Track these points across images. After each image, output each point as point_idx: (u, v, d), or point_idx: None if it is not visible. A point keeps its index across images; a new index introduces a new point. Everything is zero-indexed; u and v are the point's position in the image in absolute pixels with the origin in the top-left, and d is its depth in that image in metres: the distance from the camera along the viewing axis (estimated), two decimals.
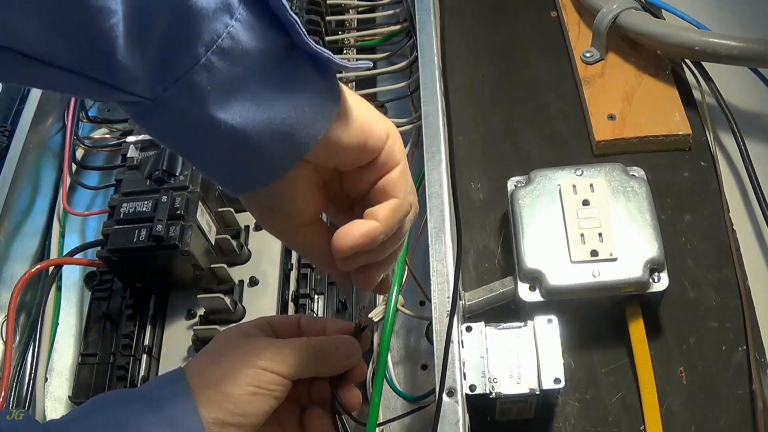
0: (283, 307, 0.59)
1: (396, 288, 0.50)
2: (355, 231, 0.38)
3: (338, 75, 0.42)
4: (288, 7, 0.33)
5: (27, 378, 0.61)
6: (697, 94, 0.69)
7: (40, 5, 0.26)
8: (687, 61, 0.70)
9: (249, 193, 0.39)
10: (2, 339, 0.62)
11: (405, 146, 0.42)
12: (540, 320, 0.50)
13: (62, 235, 0.71)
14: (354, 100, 0.38)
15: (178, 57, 0.31)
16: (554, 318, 0.50)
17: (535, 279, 0.55)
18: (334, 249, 0.38)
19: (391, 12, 0.76)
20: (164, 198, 0.58)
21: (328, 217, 0.46)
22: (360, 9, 0.78)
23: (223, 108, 0.33)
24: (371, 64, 0.40)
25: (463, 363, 0.48)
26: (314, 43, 0.34)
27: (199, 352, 0.43)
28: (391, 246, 0.41)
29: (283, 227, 0.42)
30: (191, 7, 0.30)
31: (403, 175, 0.40)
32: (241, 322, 0.58)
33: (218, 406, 0.39)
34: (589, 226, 0.55)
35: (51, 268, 0.65)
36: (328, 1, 0.76)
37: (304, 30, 0.34)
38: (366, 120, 0.38)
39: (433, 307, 0.49)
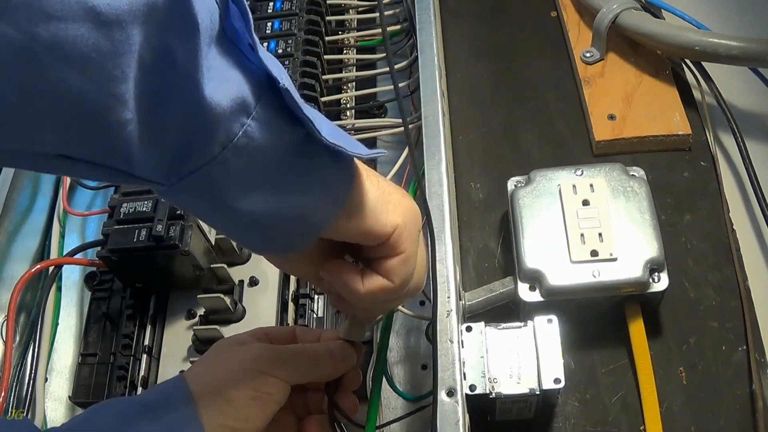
0: (283, 307, 0.59)
1: None
2: (371, 286, 0.40)
3: (338, 76, 0.43)
4: (302, 104, 0.33)
5: (27, 378, 0.61)
6: (697, 94, 0.69)
7: (60, 124, 0.27)
8: (687, 61, 0.70)
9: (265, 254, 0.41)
10: (2, 339, 0.62)
11: (405, 146, 0.42)
12: (540, 320, 0.50)
13: (62, 235, 0.71)
14: (370, 185, 0.38)
15: (193, 155, 0.32)
16: (554, 318, 0.50)
17: (535, 279, 0.55)
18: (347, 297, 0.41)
19: (391, 12, 0.76)
20: None
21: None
22: (360, 9, 0.78)
23: (237, 199, 0.34)
24: (386, 152, 0.41)
25: (463, 363, 0.48)
26: (328, 137, 0.35)
27: (197, 360, 0.44)
28: (373, 310, 0.45)
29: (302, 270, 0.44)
30: (207, 111, 0.31)
31: (403, 264, 0.40)
32: (238, 333, 0.58)
33: (219, 412, 0.39)
34: (589, 226, 0.55)
35: (51, 268, 0.65)
36: (328, 1, 0.76)
37: (317, 125, 0.34)
38: (372, 210, 0.38)
39: (433, 307, 0.49)
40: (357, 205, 0.38)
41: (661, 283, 0.54)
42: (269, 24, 0.71)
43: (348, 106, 0.72)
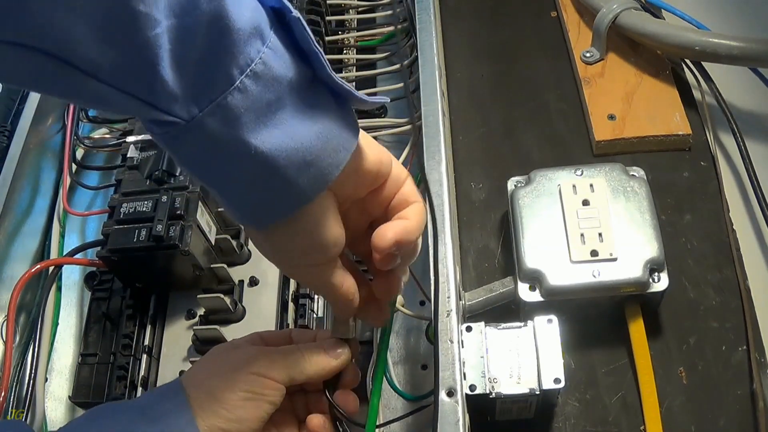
0: (283, 306, 0.59)
1: None
2: (394, 227, 0.41)
3: (339, 76, 0.43)
4: (312, 38, 0.34)
5: (27, 378, 0.61)
6: (697, 94, 0.69)
7: (91, 8, 0.27)
8: (687, 61, 0.70)
9: (271, 224, 0.39)
10: (2, 339, 0.62)
11: (405, 146, 0.43)
12: (540, 320, 0.50)
13: (62, 235, 0.71)
14: (362, 131, 0.40)
15: (215, 78, 0.32)
16: (554, 318, 0.50)
17: (535, 279, 0.55)
18: (374, 245, 0.40)
19: (391, 12, 0.76)
20: (164, 198, 0.58)
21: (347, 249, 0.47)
22: (360, 9, 0.78)
23: (254, 133, 0.34)
24: (388, 99, 0.42)
25: (463, 363, 0.48)
26: (336, 76, 0.36)
27: (193, 365, 0.44)
28: (413, 252, 0.44)
29: (304, 266, 0.42)
30: (229, 27, 0.31)
31: (414, 184, 0.42)
32: (235, 338, 0.58)
33: (214, 414, 0.39)
34: (589, 226, 0.55)
35: (51, 268, 0.65)
36: (328, 1, 0.76)
37: (327, 62, 0.35)
38: (375, 147, 0.40)
39: (433, 307, 0.49)
40: (364, 145, 0.39)
41: (661, 283, 0.54)
42: None
43: None
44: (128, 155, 0.63)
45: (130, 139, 0.63)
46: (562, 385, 0.48)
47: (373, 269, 0.45)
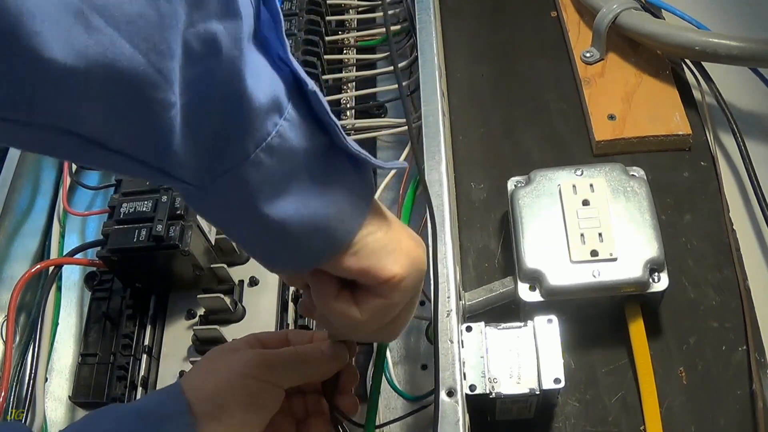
0: (283, 307, 0.59)
1: None
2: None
3: (339, 76, 0.43)
4: (329, 110, 0.34)
5: (27, 378, 0.61)
6: (697, 94, 0.69)
7: (103, 96, 0.27)
8: (687, 61, 0.70)
9: (285, 272, 0.41)
10: (2, 339, 0.62)
11: (405, 146, 0.42)
12: (540, 320, 0.50)
13: (62, 235, 0.71)
14: (380, 225, 0.38)
15: (229, 151, 0.32)
16: (554, 318, 0.50)
17: (535, 279, 0.55)
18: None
19: (391, 12, 0.76)
20: (164, 198, 0.58)
21: None
22: (360, 9, 0.78)
23: (268, 203, 0.34)
24: (407, 165, 0.41)
25: (463, 363, 0.48)
26: (353, 144, 0.35)
27: (192, 368, 0.44)
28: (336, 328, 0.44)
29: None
30: (246, 105, 0.31)
31: (381, 308, 0.39)
32: (232, 340, 0.58)
33: (214, 419, 0.39)
34: (589, 226, 0.55)
35: (51, 268, 0.65)
36: (328, 1, 0.76)
37: (342, 132, 0.35)
38: (376, 252, 0.37)
39: (433, 307, 0.49)
40: (370, 231, 0.37)
41: (661, 283, 0.54)
42: None
43: (348, 106, 0.72)
44: None
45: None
46: (562, 385, 0.48)
47: None
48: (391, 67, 0.71)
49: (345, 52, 0.76)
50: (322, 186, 0.35)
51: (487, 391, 0.48)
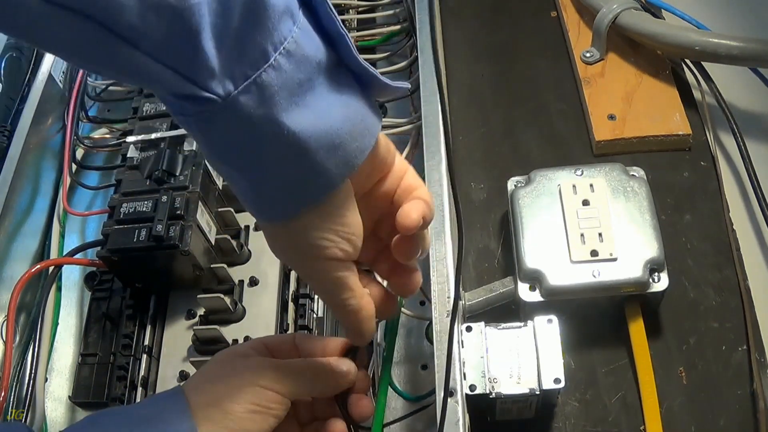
0: (283, 307, 0.59)
1: None
2: (414, 205, 0.41)
3: None
4: (339, 21, 0.35)
5: (27, 378, 0.61)
6: (697, 94, 0.69)
7: None
8: (687, 61, 0.70)
9: (296, 214, 0.38)
10: (2, 339, 0.62)
11: (405, 146, 0.43)
12: (540, 320, 0.51)
13: (62, 235, 0.71)
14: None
15: (251, 54, 0.32)
16: (554, 318, 0.51)
17: (535, 279, 0.55)
18: (401, 225, 0.40)
19: (391, 12, 0.76)
20: (164, 198, 0.58)
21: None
22: (360, 9, 0.78)
23: (287, 113, 0.34)
24: (408, 85, 0.42)
25: (463, 363, 0.49)
26: (361, 59, 0.36)
27: (196, 372, 0.43)
28: (426, 244, 0.45)
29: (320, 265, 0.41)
30: (264, 4, 0.32)
31: (415, 172, 0.43)
32: (237, 344, 0.57)
33: (218, 424, 0.39)
34: (589, 226, 0.55)
35: (51, 268, 0.65)
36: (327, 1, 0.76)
37: (354, 45, 0.35)
38: (382, 134, 0.40)
39: (433, 307, 0.49)
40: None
41: (661, 283, 0.54)
42: None
43: None
44: (128, 155, 0.63)
45: (130, 139, 0.63)
46: (562, 385, 0.48)
47: (385, 271, 0.45)
48: (391, 67, 0.71)
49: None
50: (335, 100, 0.36)
51: (487, 391, 0.48)
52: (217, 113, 0.33)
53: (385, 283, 0.46)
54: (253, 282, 0.61)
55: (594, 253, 0.54)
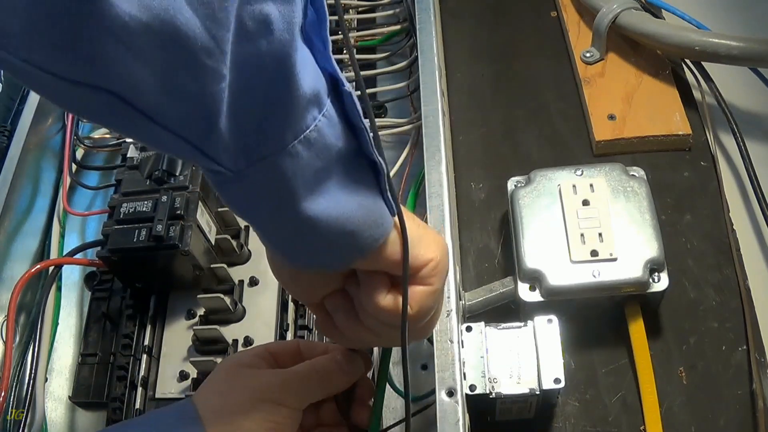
0: (283, 307, 0.59)
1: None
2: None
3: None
4: (361, 113, 0.34)
5: (27, 378, 0.61)
6: (697, 94, 0.69)
7: (158, 57, 0.27)
8: (687, 61, 0.70)
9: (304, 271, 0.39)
10: (2, 339, 0.62)
11: (405, 146, 0.42)
12: (540, 320, 0.51)
13: (62, 235, 0.71)
14: (408, 218, 0.39)
15: (268, 138, 0.32)
16: (554, 318, 0.51)
17: (535, 279, 0.55)
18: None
19: (391, 12, 0.76)
20: (164, 198, 0.58)
21: None
22: (360, 9, 0.78)
23: (298, 197, 0.34)
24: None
25: (463, 363, 0.48)
26: (377, 153, 0.36)
27: (204, 385, 0.43)
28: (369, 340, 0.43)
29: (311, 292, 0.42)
30: (291, 91, 0.31)
31: (428, 296, 0.40)
32: (240, 351, 0.57)
33: None
34: (589, 226, 0.55)
35: (51, 268, 0.65)
36: (328, 1, 0.76)
37: (370, 137, 0.35)
38: (411, 240, 0.39)
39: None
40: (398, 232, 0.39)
41: (661, 283, 0.54)
42: None
43: None
44: (128, 155, 0.63)
45: (130, 139, 0.63)
46: (562, 385, 0.48)
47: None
48: (392, 67, 0.71)
49: (345, 52, 0.76)
50: (351, 189, 0.35)
51: (487, 391, 0.48)
52: (225, 183, 0.34)
53: None
54: (253, 282, 0.61)
55: (594, 253, 0.54)
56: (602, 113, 0.68)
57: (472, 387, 0.48)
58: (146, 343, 0.59)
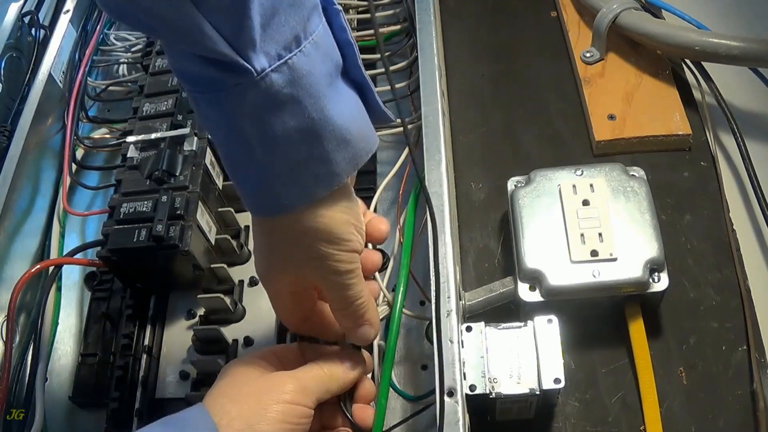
0: None
1: (402, 290, 0.50)
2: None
3: None
4: (350, 32, 0.38)
5: (27, 378, 0.61)
6: (697, 94, 0.69)
7: None
8: (687, 61, 0.70)
9: (301, 206, 0.39)
10: (2, 339, 0.62)
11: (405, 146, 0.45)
12: (540, 320, 0.51)
13: (62, 235, 0.71)
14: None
15: (287, 36, 0.35)
16: (554, 318, 0.50)
17: (535, 279, 0.55)
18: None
19: (391, 12, 0.76)
20: (164, 198, 0.58)
21: None
22: (360, 9, 0.78)
23: (310, 99, 0.36)
24: (395, 119, 0.44)
25: (463, 363, 0.48)
26: (365, 72, 0.39)
27: (215, 392, 0.43)
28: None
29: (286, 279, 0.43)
30: None
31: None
32: (244, 355, 0.57)
33: None
34: (589, 226, 0.55)
35: (51, 268, 0.65)
36: None
37: (358, 53, 0.39)
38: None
39: (433, 307, 0.49)
40: None
41: (661, 283, 0.54)
42: None
43: None
44: (128, 155, 0.62)
45: (130, 139, 0.63)
46: (562, 385, 0.48)
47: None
48: (391, 67, 0.71)
49: None
50: (347, 100, 0.39)
51: (487, 391, 0.48)
52: (249, 87, 0.35)
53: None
54: (253, 282, 0.61)
55: (594, 253, 0.54)
56: (602, 113, 0.68)
57: (472, 387, 0.48)
58: (146, 343, 0.59)
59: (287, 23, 0.35)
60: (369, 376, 0.49)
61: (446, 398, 0.45)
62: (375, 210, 0.61)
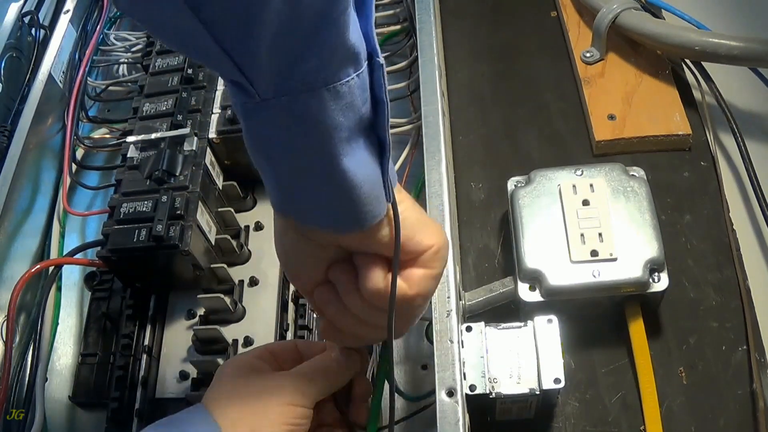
0: (283, 307, 0.59)
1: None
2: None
3: None
4: (386, 88, 0.35)
5: (27, 378, 0.61)
6: (697, 94, 0.69)
7: None
8: (687, 61, 0.70)
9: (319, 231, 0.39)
10: (2, 339, 0.62)
11: (405, 146, 0.43)
12: (540, 320, 0.51)
13: (62, 235, 0.71)
14: (408, 203, 0.40)
15: (301, 75, 0.32)
16: (554, 318, 0.50)
17: (535, 279, 0.55)
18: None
19: (391, 12, 0.76)
20: (164, 198, 0.58)
21: None
22: None
23: (322, 139, 0.34)
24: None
25: (463, 363, 0.48)
26: (388, 134, 0.36)
27: (213, 392, 0.43)
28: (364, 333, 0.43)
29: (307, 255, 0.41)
30: (335, 32, 0.31)
31: (427, 279, 0.41)
32: (240, 353, 0.57)
33: None
34: (589, 226, 0.55)
35: (51, 268, 0.65)
36: None
37: (389, 114, 0.35)
38: (413, 224, 0.40)
39: (433, 307, 0.49)
40: (407, 207, 0.39)
41: (661, 283, 0.54)
42: None
43: None
44: (128, 155, 0.62)
45: (130, 139, 0.63)
46: (562, 385, 0.48)
47: None
48: (391, 67, 0.71)
49: None
50: (363, 159, 0.36)
51: (487, 391, 0.48)
52: (255, 109, 0.34)
53: None
54: (253, 282, 0.61)
55: (594, 253, 0.54)
56: (602, 113, 0.68)
57: (472, 387, 0.48)
58: (146, 343, 0.59)
59: (304, 62, 0.32)
60: (368, 375, 0.50)
61: (446, 398, 0.45)
62: None
